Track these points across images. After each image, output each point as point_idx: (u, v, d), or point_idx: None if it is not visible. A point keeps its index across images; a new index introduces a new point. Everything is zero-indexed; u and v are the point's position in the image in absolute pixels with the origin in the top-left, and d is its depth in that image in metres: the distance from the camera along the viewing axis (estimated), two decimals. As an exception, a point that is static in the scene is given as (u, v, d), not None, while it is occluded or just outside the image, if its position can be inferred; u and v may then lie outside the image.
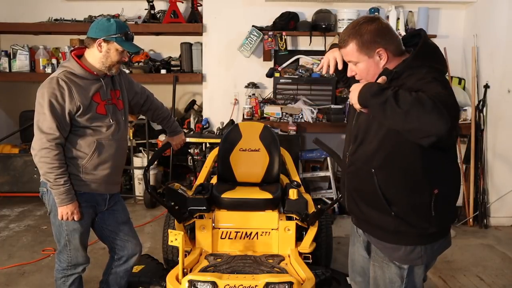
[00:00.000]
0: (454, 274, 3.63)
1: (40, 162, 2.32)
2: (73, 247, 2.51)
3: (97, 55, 2.41)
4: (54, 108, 2.30)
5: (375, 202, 1.86)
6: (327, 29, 5.03)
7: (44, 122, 2.30)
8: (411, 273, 1.90)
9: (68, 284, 2.57)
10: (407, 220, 1.82)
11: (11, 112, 6.00)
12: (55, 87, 2.31)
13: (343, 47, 1.85)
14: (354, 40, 1.80)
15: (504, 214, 4.80)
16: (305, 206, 3.15)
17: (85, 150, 2.42)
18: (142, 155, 5.34)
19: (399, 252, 1.87)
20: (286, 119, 4.88)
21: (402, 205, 1.82)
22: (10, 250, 4.01)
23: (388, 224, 1.85)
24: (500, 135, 4.75)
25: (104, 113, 2.45)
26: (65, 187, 2.34)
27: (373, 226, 1.93)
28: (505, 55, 4.64)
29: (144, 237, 4.31)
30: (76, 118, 2.37)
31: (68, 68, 2.39)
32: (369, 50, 1.80)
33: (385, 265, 1.92)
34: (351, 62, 1.86)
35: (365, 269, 2.11)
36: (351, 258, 2.21)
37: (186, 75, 5.48)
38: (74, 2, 5.63)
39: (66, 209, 2.37)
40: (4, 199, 5.25)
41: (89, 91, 2.40)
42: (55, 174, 2.32)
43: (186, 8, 5.56)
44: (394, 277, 1.91)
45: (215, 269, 2.64)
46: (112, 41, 2.38)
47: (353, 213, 2.04)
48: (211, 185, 3.40)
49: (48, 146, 2.30)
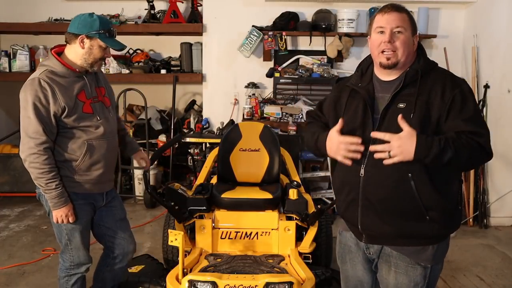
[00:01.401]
0: (454, 274, 3.63)
1: (30, 167, 2.27)
2: (74, 246, 2.50)
3: (79, 51, 2.34)
4: (39, 111, 2.23)
5: (409, 210, 1.78)
6: (327, 29, 5.03)
7: (29, 127, 2.24)
8: (434, 270, 1.89)
9: (71, 283, 2.57)
10: (440, 222, 1.80)
11: (11, 112, 6.00)
12: (38, 89, 2.23)
13: (395, 11, 1.80)
14: (407, 14, 1.83)
15: (504, 214, 4.80)
16: (305, 206, 3.15)
17: (76, 152, 2.37)
18: (142, 155, 5.34)
19: (426, 252, 1.84)
20: (286, 119, 4.88)
21: (437, 207, 1.78)
22: (10, 250, 4.01)
23: (421, 229, 1.79)
24: (500, 135, 4.74)
25: (91, 112, 2.39)
26: (57, 191, 2.30)
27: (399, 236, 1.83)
28: (505, 55, 4.64)
29: (144, 237, 4.31)
30: (63, 119, 2.30)
31: (49, 66, 2.31)
32: (414, 29, 1.84)
33: (411, 268, 1.85)
34: (398, 28, 1.78)
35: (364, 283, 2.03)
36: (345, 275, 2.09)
37: (186, 75, 5.48)
38: (74, 2, 5.62)
39: (60, 212, 2.34)
40: (4, 199, 5.25)
41: (73, 90, 2.33)
42: (46, 179, 2.27)
43: (186, 8, 5.56)
44: (419, 279, 1.86)
45: (215, 269, 2.64)
46: (95, 38, 2.32)
47: (370, 230, 1.87)
48: (211, 185, 3.40)
49: (37, 151, 2.24)
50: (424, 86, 1.78)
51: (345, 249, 2.05)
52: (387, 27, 1.79)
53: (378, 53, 1.81)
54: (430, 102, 1.75)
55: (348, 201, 1.89)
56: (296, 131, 4.73)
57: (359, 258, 2.00)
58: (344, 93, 1.94)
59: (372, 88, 1.87)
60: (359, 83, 1.91)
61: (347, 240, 2.04)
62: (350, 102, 1.90)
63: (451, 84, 1.77)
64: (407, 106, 1.76)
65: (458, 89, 1.76)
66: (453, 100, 1.74)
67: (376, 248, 1.91)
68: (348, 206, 1.90)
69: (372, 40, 1.85)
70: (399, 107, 1.77)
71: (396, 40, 1.78)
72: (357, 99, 1.88)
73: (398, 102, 1.78)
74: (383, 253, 1.90)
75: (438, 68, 1.87)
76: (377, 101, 1.85)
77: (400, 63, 1.80)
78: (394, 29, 1.78)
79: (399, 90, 1.79)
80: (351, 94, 1.91)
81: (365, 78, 1.92)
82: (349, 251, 2.04)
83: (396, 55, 1.79)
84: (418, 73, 1.79)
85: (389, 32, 1.78)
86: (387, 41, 1.78)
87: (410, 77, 1.80)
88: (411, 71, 1.81)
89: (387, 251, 1.88)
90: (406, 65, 1.83)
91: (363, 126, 1.83)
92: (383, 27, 1.79)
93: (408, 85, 1.79)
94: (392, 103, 1.79)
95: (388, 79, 1.85)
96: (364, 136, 1.79)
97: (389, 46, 1.78)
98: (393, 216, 1.80)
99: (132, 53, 5.76)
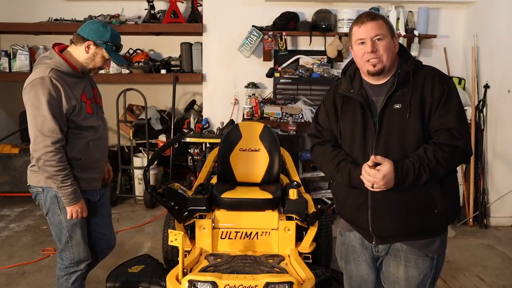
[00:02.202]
0: (454, 274, 3.63)
1: (46, 165, 2.29)
2: (75, 243, 2.52)
3: (82, 55, 2.40)
4: (54, 109, 2.26)
5: (420, 207, 1.84)
6: (327, 29, 5.03)
7: (44, 125, 2.26)
8: (439, 261, 1.95)
9: (71, 281, 2.57)
10: (447, 213, 1.87)
11: (11, 112, 6.00)
12: (51, 88, 2.26)
13: (370, 20, 1.85)
14: (383, 19, 1.88)
15: (504, 214, 4.80)
16: (305, 206, 3.15)
17: (81, 152, 2.42)
18: (142, 155, 5.35)
19: (435, 244, 1.91)
20: (286, 119, 4.88)
21: (443, 201, 1.84)
22: (10, 250, 4.01)
23: (431, 223, 1.87)
24: (500, 135, 4.75)
25: (91, 112, 2.46)
26: (72, 187, 2.36)
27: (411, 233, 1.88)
28: (505, 55, 4.64)
29: (144, 237, 4.32)
30: (72, 118, 2.35)
31: (54, 65, 2.33)
32: (392, 33, 1.88)
33: (421, 260, 1.91)
34: (377, 36, 1.83)
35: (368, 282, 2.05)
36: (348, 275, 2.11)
37: (186, 75, 5.48)
38: (74, 2, 5.63)
39: (76, 207, 2.40)
40: (4, 199, 5.25)
41: (78, 89, 2.39)
42: (63, 175, 2.31)
43: (186, 8, 5.57)
44: (427, 270, 1.92)
45: (215, 269, 2.64)
46: (102, 47, 2.38)
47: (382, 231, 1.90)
48: (211, 185, 3.40)
49: (53, 149, 2.27)
50: (415, 85, 1.84)
51: (349, 249, 2.07)
52: (367, 37, 1.84)
53: (364, 63, 1.87)
54: (422, 100, 1.82)
55: (357, 205, 1.92)
56: (296, 131, 4.73)
57: (364, 257, 2.03)
58: (337, 101, 1.99)
59: (365, 93, 1.92)
60: (350, 89, 1.94)
61: (350, 240, 2.06)
62: (345, 109, 1.95)
63: (439, 80, 1.85)
64: (403, 106, 1.83)
65: (446, 85, 1.84)
66: (441, 97, 1.81)
67: (385, 245, 1.95)
68: (357, 210, 1.93)
69: (355, 52, 1.90)
70: (395, 108, 1.84)
71: (378, 48, 1.83)
72: (352, 105, 1.93)
73: (394, 104, 1.84)
74: (392, 249, 1.94)
75: (424, 66, 1.93)
76: (374, 104, 1.90)
77: (386, 67, 1.86)
78: (373, 38, 1.84)
79: (392, 92, 1.85)
80: (344, 101, 1.96)
81: (355, 84, 1.96)
82: (353, 251, 2.06)
83: (381, 61, 1.84)
84: (409, 74, 1.85)
85: (370, 42, 1.83)
86: (369, 51, 1.83)
87: (402, 78, 1.85)
88: (402, 72, 1.86)
89: (396, 247, 1.93)
90: (392, 67, 1.89)
91: (364, 130, 1.89)
92: (363, 38, 1.85)
93: (401, 86, 1.85)
94: (387, 105, 1.85)
95: (378, 83, 1.91)
96: (365, 140, 1.87)
97: (372, 56, 1.84)
98: (404, 214, 1.85)
99: (132, 53, 5.75)
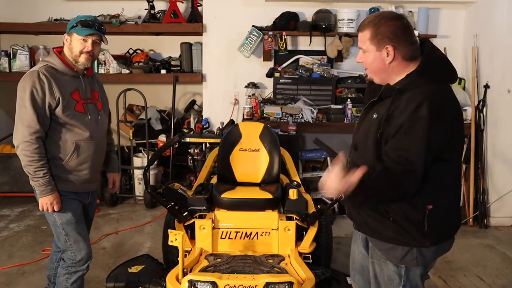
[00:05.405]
0: (454, 274, 3.63)
1: (21, 154, 2.40)
2: (73, 240, 2.53)
3: (66, 49, 2.48)
4: (35, 101, 2.36)
5: (373, 207, 1.90)
6: (327, 29, 5.03)
7: (25, 115, 2.38)
8: (409, 272, 1.90)
9: (71, 281, 2.58)
10: (404, 227, 1.83)
11: (11, 112, 5.95)
12: (36, 80, 2.36)
13: (359, 31, 1.87)
14: (371, 28, 1.81)
15: (504, 214, 4.80)
16: (305, 206, 3.15)
17: (64, 151, 2.46)
18: (142, 155, 5.34)
19: (396, 252, 1.88)
20: (286, 119, 4.88)
21: (398, 214, 1.83)
22: (10, 250, 4.01)
23: (387, 226, 1.86)
24: (500, 135, 4.75)
25: (83, 111, 2.49)
26: (44, 179, 2.39)
27: (372, 228, 1.94)
28: (505, 55, 4.64)
29: (144, 237, 4.32)
30: (56, 112, 2.40)
31: (49, 62, 2.45)
32: (379, 43, 1.80)
33: (383, 263, 1.94)
34: (361, 49, 1.87)
35: (364, 267, 2.12)
36: (352, 256, 2.22)
37: (186, 75, 5.47)
38: (74, 2, 5.62)
39: (46, 199, 2.42)
40: (4, 199, 5.25)
41: (68, 87, 2.45)
42: (35, 167, 2.37)
43: (186, 8, 5.56)
44: (392, 275, 1.92)
45: (215, 269, 2.64)
46: (73, 32, 2.44)
47: (353, 219, 2.05)
48: (211, 185, 3.40)
49: (29, 139, 2.36)
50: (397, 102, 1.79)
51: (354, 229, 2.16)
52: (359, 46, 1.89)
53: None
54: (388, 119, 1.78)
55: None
56: (296, 131, 4.73)
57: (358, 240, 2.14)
58: None
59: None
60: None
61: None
62: None
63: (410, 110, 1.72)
64: (378, 118, 1.84)
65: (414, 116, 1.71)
66: (400, 127, 1.73)
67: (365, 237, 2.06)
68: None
69: None
70: (373, 117, 1.87)
71: (364, 60, 1.87)
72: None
73: (373, 112, 1.88)
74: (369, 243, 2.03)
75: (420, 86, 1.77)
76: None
77: (376, 79, 1.89)
78: (361, 49, 1.87)
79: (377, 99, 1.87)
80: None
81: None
82: (354, 232, 2.16)
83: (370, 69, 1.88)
84: (394, 90, 1.81)
85: (359, 52, 1.88)
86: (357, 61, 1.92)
87: (386, 91, 1.85)
88: (391, 87, 1.84)
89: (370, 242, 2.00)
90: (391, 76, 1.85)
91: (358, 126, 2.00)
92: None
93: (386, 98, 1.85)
94: (369, 110, 1.90)
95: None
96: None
97: (362, 65, 1.90)
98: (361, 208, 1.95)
99: (132, 53, 5.75)
